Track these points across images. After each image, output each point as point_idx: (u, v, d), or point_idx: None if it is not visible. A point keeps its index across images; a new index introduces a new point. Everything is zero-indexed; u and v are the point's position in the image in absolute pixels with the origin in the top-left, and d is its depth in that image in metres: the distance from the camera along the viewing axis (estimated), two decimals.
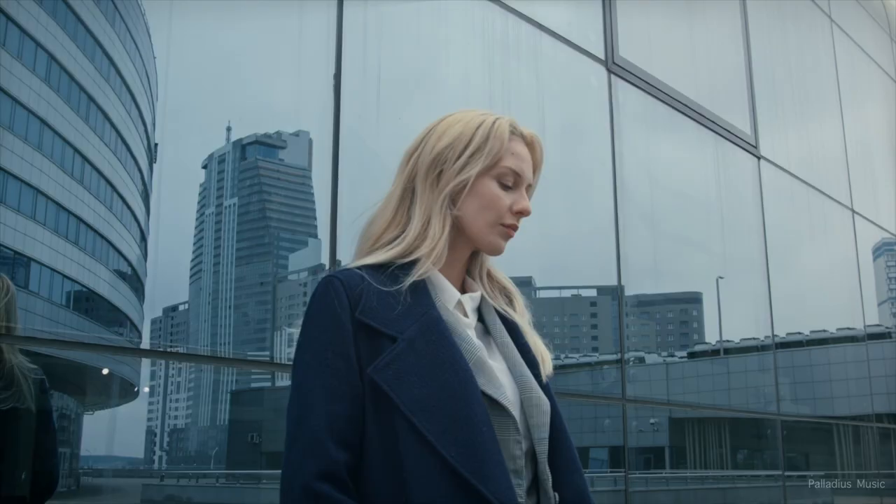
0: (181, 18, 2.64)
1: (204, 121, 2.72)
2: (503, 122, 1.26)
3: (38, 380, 1.91)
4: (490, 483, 1.06)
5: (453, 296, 1.23)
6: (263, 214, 2.98)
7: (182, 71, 2.66)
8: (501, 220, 1.24)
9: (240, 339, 2.83)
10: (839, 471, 6.57)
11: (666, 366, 4.92)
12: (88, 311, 2.48)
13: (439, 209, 1.22)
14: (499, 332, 1.26)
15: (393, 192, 1.26)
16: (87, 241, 2.47)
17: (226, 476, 2.97)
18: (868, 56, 7.97)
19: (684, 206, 5.05)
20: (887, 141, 8.31)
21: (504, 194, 1.24)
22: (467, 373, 1.12)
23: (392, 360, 1.11)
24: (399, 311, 1.14)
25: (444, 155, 1.23)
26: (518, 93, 3.84)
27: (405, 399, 1.09)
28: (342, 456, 1.07)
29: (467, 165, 1.22)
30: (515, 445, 1.14)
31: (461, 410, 1.09)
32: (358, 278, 1.16)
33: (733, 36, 5.72)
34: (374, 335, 1.12)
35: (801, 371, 6.17)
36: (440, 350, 1.13)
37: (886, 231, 7.71)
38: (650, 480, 4.72)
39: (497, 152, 1.23)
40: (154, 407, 2.64)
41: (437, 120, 1.29)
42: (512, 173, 1.25)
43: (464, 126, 1.25)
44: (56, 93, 2.42)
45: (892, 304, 8.49)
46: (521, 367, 1.22)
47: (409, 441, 1.07)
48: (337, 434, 1.08)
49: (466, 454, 1.07)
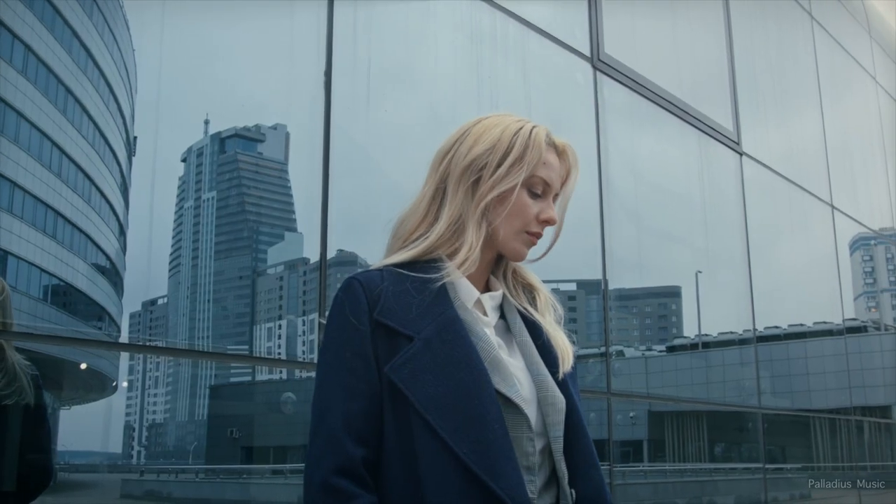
0: (161, 10, 2.62)
1: (183, 114, 2.70)
2: (540, 132, 1.27)
3: (33, 375, 1.91)
4: (501, 480, 1.10)
5: (472, 294, 1.25)
6: (242, 208, 2.97)
7: (162, 64, 2.64)
8: (527, 228, 1.26)
9: (219, 332, 2.82)
10: (816, 463, 6.65)
11: (645, 359, 4.96)
12: (66, 306, 2.47)
13: (478, 219, 1.23)
14: (519, 331, 1.28)
15: (425, 192, 1.27)
16: (65, 235, 2.46)
17: (206, 471, 2.96)
18: (847, 53, 8.04)
19: (667, 201, 5.08)
20: (866, 137, 8.40)
21: (532, 203, 1.26)
22: (482, 372, 1.15)
23: (408, 360, 1.14)
24: (417, 311, 1.18)
25: (482, 160, 1.24)
26: (505, 89, 3.86)
27: (420, 397, 1.12)
28: (359, 451, 1.11)
29: (508, 176, 1.23)
30: (528, 443, 1.17)
31: (475, 409, 1.12)
32: (378, 279, 1.19)
33: (716, 33, 5.75)
34: (392, 335, 1.16)
35: (779, 364, 6.23)
36: (456, 349, 1.16)
37: (865, 227, 7.79)
38: (628, 473, 4.75)
39: (535, 162, 1.24)
40: (132, 402, 2.63)
41: (472, 122, 1.29)
42: (542, 183, 1.26)
43: (502, 132, 1.25)
44: (33, 85, 2.40)
45: (868, 298, 8.60)
46: (538, 365, 1.25)
47: (424, 438, 1.11)
48: (354, 431, 1.12)
49: (479, 451, 1.10)
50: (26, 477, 1.98)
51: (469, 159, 1.24)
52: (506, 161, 1.23)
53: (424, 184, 1.28)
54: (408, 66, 3.45)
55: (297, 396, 2.93)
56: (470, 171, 1.24)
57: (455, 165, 1.25)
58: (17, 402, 1.87)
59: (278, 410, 2.99)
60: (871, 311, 8.62)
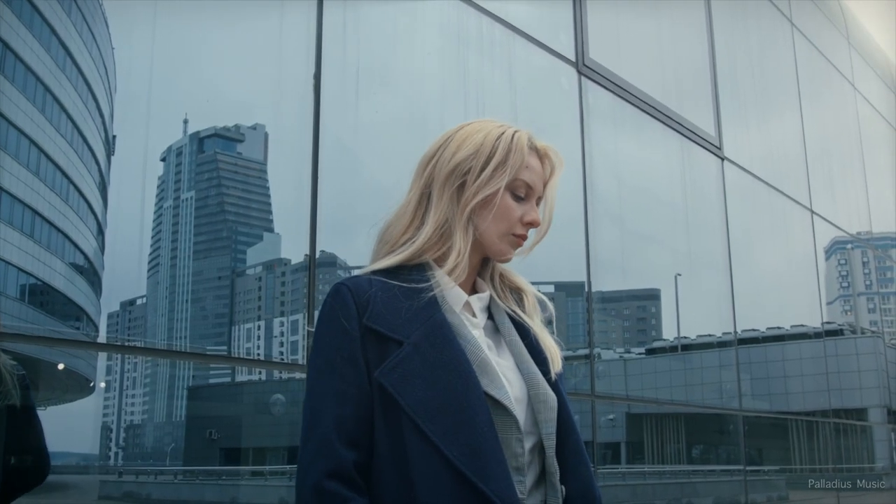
0: (142, 9, 2.61)
1: (163, 113, 2.69)
2: (522, 136, 1.29)
3: (20, 375, 1.89)
4: (491, 482, 1.11)
5: (460, 297, 1.27)
6: (221, 208, 2.96)
7: (142, 62, 2.63)
8: (512, 230, 1.29)
9: (197, 333, 2.81)
10: (794, 465, 6.71)
11: (623, 362, 4.98)
12: (44, 305, 2.45)
13: (464, 224, 1.25)
14: (508, 331, 1.31)
15: (411, 198, 1.29)
16: (42, 234, 2.44)
17: (184, 472, 2.95)
18: (826, 59, 8.13)
19: (650, 205, 5.12)
20: (845, 142, 8.50)
21: (517, 206, 1.28)
22: (470, 375, 1.17)
23: (398, 364, 1.16)
24: (406, 315, 1.19)
25: (466, 165, 1.26)
26: (491, 93, 3.88)
27: (410, 401, 1.14)
28: (351, 455, 1.13)
29: (492, 180, 1.25)
30: (517, 444, 1.18)
31: (464, 412, 1.14)
32: (366, 284, 1.21)
33: (699, 39, 5.80)
34: (382, 340, 1.18)
35: (757, 367, 6.28)
36: (444, 353, 1.18)
37: (843, 231, 7.88)
38: (607, 475, 4.77)
39: (518, 166, 1.27)
40: (110, 402, 2.62)
41: (455, 128, 1.32)
42: (525, 186, 1.29)
43: (484, 137, 1.28)
44: (11, 83, 2.38)
45: (844, 301, 8.69)
46: (528, 363, 1.27)
47: (415, 441, 1.13)
48: (345, 435, 1.13)
49: (468, 454, 1.12)
50: (13, 477, 1.96)
51: (453, 164, 1.26)
52: (489, 165, 1.25)
53: (409, 189, 1.30)
54: (395, 68, 3.46)
55: (283, 398, 2.92)
56: (454, 176, 1.26)
57: (439, 171, 1.27)
58: (2, 404, 1.86)
59: (257, 411, 2.98)
60: (847, 314, 8.71)
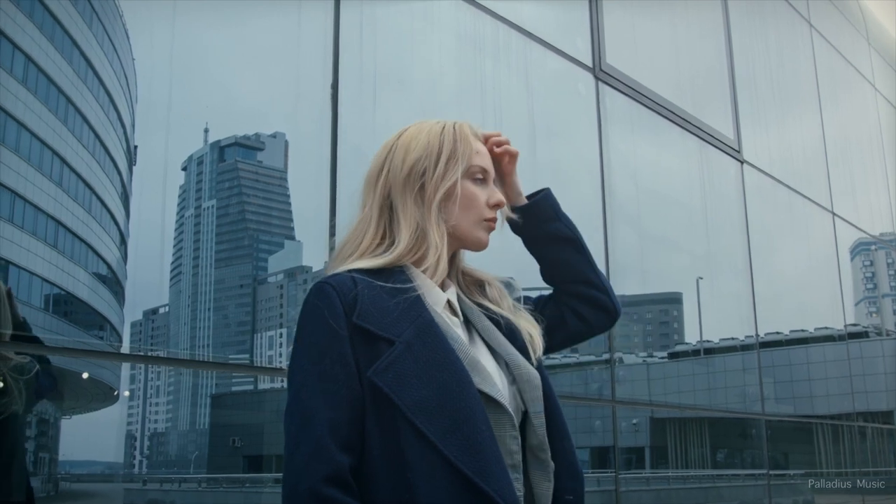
0: (162, 18, 2.63)
1: (184, 122, 2.71)
2: (464, 125, 1.32)
3: (26, 380, 1.90)
4: (492, 481, 1.10)
5: (440, 298, 1.26)
6: (243, 216, 2.97)
7: (162, 72, 2.65)
8: (483, 215, 1.29)
9: (220, 341, 2.82)
10: (820, 469, 6.63)
11: (647, 366, 4.95)
12: (68, 315, 2.47)
13: (435, 221, 1.25)
14: (478, 318, 1.30)
15: (369, 213, 1.28)
16: (66, 244, 2.46)
17: (208, 480, 2.95)
18: (846, 60, 8.06)
19: (669, 209, 5.09)
20: (866, 143, 8.41)
21: (480, 191, 1.30)
22: (463, 373, 1.16)
23: (392, 363, 1.14)
24: (394, 314, 1.17)
25: (420, 166, 1.27)
26: (508, 98, 3.88)
27: (406, 401, 1.12)
28: (346, 459, 1.10)
29: (448, 172, 1.26)
30: (512, 441, 1.18)
31: (461, 411, 1.13)
32: (350, 283, 1.18)
33: (716, 41, 5.77)
34: (372, 339, 1.15)
35: (781, 370, 6.22)
36: (437, 352, 1.16)
37: (865, 232, 7.80)
38: (631, 480, 4.74)
39: (469, 154, 1.29)
40: (134, 411, 2.63)
41: (392, 137, 1.33)
42: (481, 170, 1.31)
43: (428, 136, 1.29)
44: (34, 95, 2.40)
45: (869, 303, 8.59)
46: (505, 346, 1.27)
47: (412, 442, 1.10)
48: (340, 438, 1.11)
49: (468, 453, 1.10)
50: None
51: (406, 169, 1.27)
52: (441, 160, 1.27)
53: (363, 206, 1.30)
54: (411, 75, 3.47)
55: None
56: (412, 180, 1.26)
57: (394, 180, 1.27)
58: (8, 412, 1.86)
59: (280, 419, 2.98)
60: (873, 316, 8.60)
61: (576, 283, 1.42)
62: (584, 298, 1.43)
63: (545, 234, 1.42)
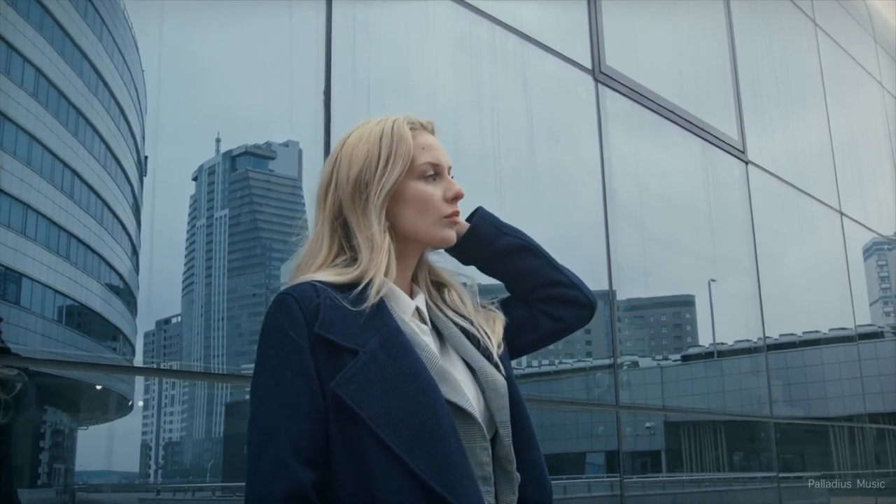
0: (170, 32, 2.65)
1: (194, 132, 2.72)
2: (400, 122, 1.27)
3: (13, 397, 1.90)
4: (461, 495, 1.07)
5: (409, 305, 1.23)
6: (255, 225, 2.98)
7: (171, 83, 2.66)
8: (442, 213, 1.26)
9: (233, 350, 2.82)
10: (835, 471, 6.59)
11: (660, 369, 4.93)
12: (81, 326, 2.47)
13: (377, 222, 1.21)
14: (445, 325, 1.27)
15: (320, 231, 1.25)
16: (78, 256, 2.47)
17: (223, 489, 2.95)
18: (852, 58, 8.04)
19: (673, 211, 5.07)
20: (873, 142, 8.38)
21: (433, 188, 1.26)
22: (431, 383, 1.12)
23: (355, 374, 1.10)
24: (358, 323, 1.14)
25: (363, 177, 1.23)
26: (506, 102, 3.86)
27: (371, 413, 1.08)
28: (308, 475, 1.06)
29: (386, 174, 1.22)
30: (483, 452, 1.15)
31: (427, 423, 1.09)
32: (312, 291, 1.15)
33: (719, 41, 5.76)
34: (335, 349, 1.11)
35: (794, 372, 6.19)
36: (402, 362, 1.12)
37: (874, 232, 7.77)
38: (647, 484, 4.71)
39: (408, 152, 1.24)
40: (148, 421, 2.63)
41: (337, 146, 1.30)
42: (430, 166, 1.26)
43: (367, 143, 1.25)
44: (45, 108, 2.42)
45: (884, 303, 8.55)
46: (471, 353, 1.24)
47: (377, 455, 1.07)
48: (301, 453, 1.07)
49: (435, 466, 1.07)
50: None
51: (352, 183, 1.23)
52: (380, 166, 1.23)
53: (316, 223, 1.27)
54: (406, 79, 3.46)
55: None
56: (358, 193, 1.23)
57: (343, 194, 1.24)
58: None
59: None
60: (889, 315, 8.57)
61: (544, 288, 1.38)
62: (556, 299, 1.38)
63: (496, 253, 1.36)
